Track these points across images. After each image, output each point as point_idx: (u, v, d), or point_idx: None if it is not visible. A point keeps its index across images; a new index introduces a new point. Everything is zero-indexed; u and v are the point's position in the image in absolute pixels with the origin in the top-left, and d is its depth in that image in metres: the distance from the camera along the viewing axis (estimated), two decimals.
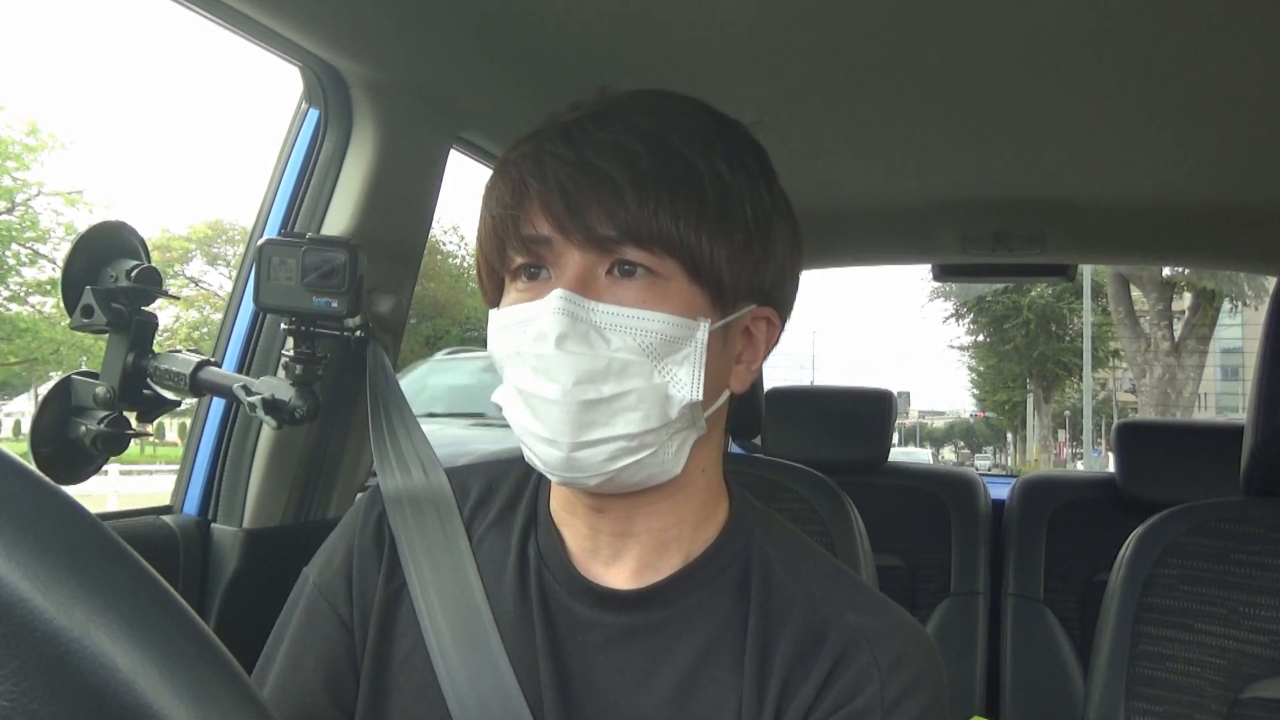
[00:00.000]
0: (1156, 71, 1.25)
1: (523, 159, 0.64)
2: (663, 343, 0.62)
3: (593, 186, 0.61)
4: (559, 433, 0.61)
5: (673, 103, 0.67)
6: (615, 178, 0.61)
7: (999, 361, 24.10)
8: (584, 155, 0.62)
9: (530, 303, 0.63)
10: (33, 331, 12.59)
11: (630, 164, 0.61)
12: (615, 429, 0.62)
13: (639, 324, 0.62)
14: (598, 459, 0.62)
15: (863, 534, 1.38)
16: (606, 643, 0.67)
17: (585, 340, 0.61)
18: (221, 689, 0.28)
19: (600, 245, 0.62)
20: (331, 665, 0.70)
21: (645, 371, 0.62)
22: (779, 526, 0.75)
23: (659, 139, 0.63)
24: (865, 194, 1.91)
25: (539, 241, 0.63)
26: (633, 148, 0.62)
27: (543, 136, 0.65)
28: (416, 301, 1.73)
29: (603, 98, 0.67)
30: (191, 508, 1.24)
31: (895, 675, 0.64)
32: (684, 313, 0.63)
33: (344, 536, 0.75)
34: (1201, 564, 1.00)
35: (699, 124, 0.66)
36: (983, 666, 2.02)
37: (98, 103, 33.41)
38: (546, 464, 0.64)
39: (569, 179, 0.61)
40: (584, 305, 0.61)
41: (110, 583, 0.27)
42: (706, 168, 0.63)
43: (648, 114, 0.65)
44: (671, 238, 0.61)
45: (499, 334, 0.66)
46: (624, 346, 0.61)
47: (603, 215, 0.61)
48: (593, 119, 0.64)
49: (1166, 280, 14.07)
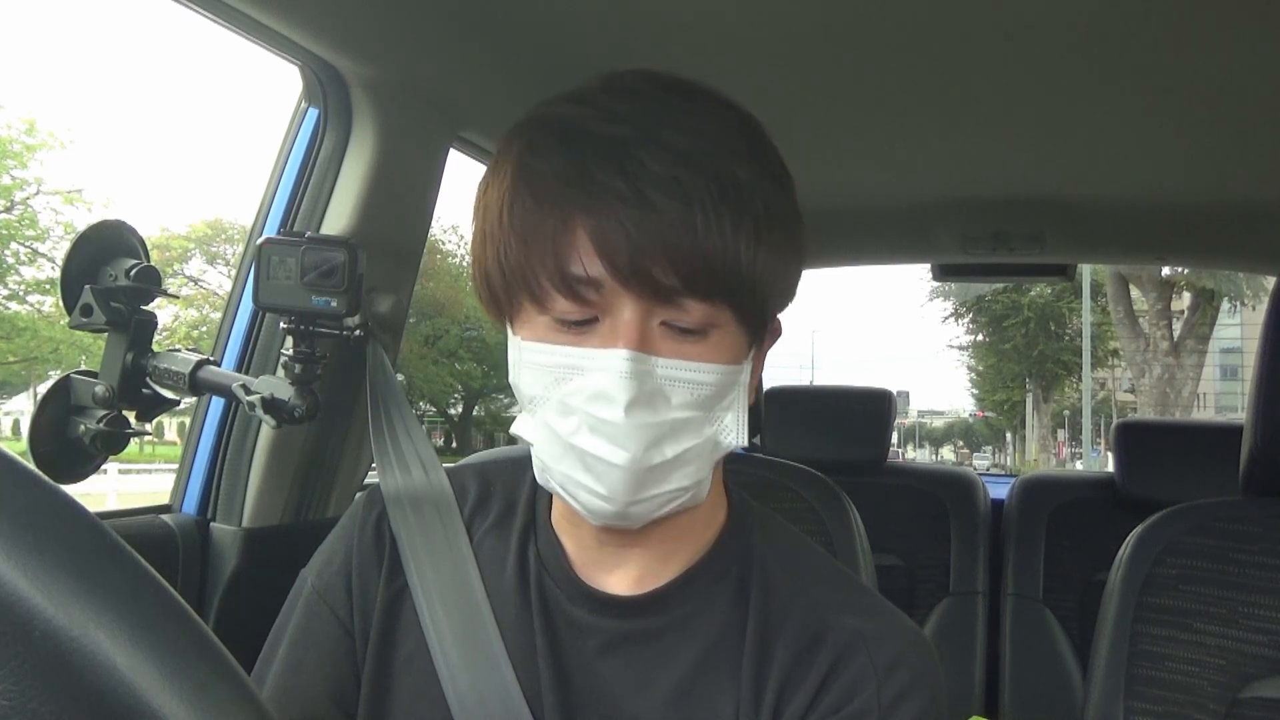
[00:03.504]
0: (1156, 71, 1.25)
1: (564, 183, 0.58)
2: (715, 394, 0.61)
3: (657, 232, 0.56)
4: (617, 493, 0.60)
5: (708, 105, 0.63)
6: (679, 224, 0.57)
7: (998, 361, 24.13)
8: (642, 192, 0.57)
9: (577, 348, 0.59)
10: (32, 330, 12.60)
11: (690, 204, 0.57)
12: (671, 484, 0.61)
13: (697, 377, 0.60)
14: (648, 511, 0.62)
15: (862, 534, 1.38)
16: (606, 647, 0.67)
17: (650, 405, 0.59)
18: (220, 688, 0.28)
19: (661, 296, 0.58)
20: (331, 667, 0.70)
21: (699, 425, 0.61)
22: (778, 527, 0.75)
23: (713, 168, 0.58)
24: (865, 194, 1.91)
25: (587, 284, 0.58)
26: (691, 182, 0.57)
27: (584, 154, 0.58)
28: (416, 301, 1.73)
29: (606, 85, 0.63)
30: (190, 507, 1.24)
31: (892, 677, 0.64)
32: (734, 360, 0.62)
33: (342, 538, 0.75)
34: (1201, 564, 1.00)
35: (737, 134, 0.62)
36: (982, 666, 2.02)
37: (97, 101, 33.42)
38: (593, 514, 0.62)
39: (631, 221, 0.56)
40: (648, 363, 0.58)
41: (109, 582, 0.27)
42: (762, 202, 0.60)
43: (691, 130, 0.60)
44: (730, 288, 0.59)
45: (533, 371, 0.62)
46: (682, 403, 0.60)
47: (666, 266, 0.57)
48: (640, 139, 0.58)
49: (1166, 280, 14.08)
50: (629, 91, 0.62)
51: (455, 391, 23.19)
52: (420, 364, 20.24)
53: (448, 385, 22.27)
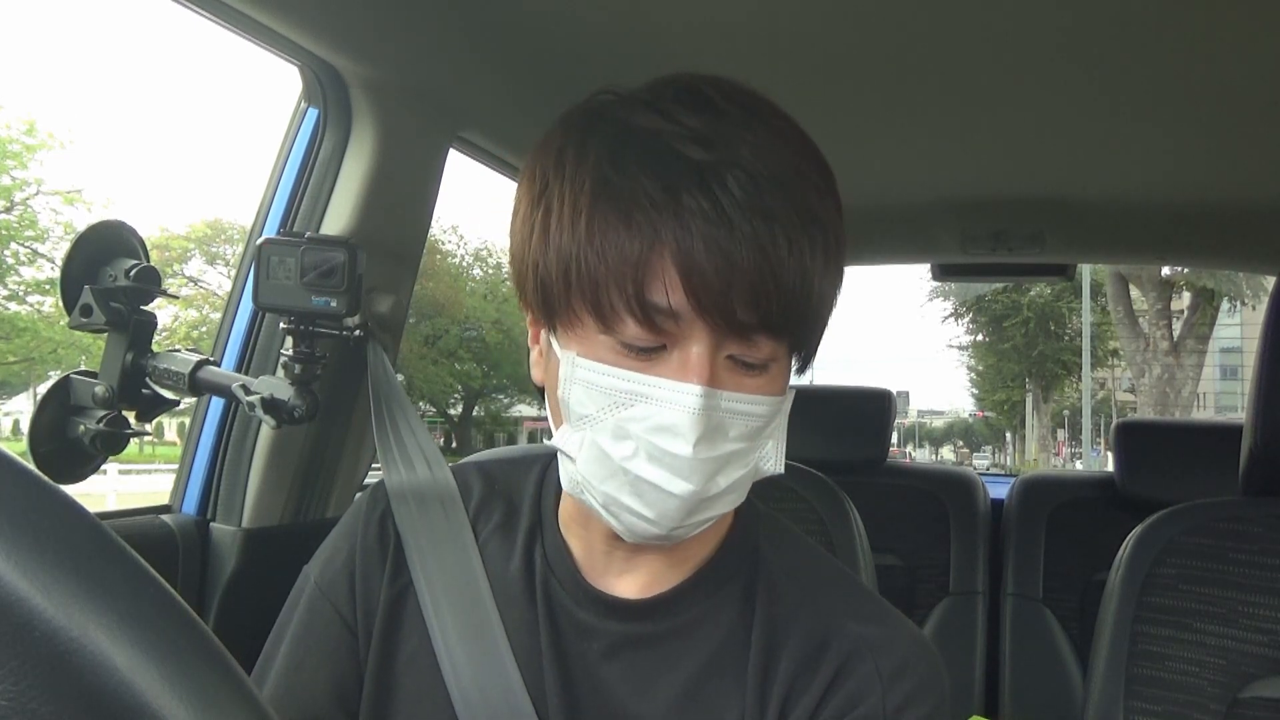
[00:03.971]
0: (1156, 71, 1.25)
1: (653, 206, 0.55)
2: (764, 424, 0.61)
3: (744, 265, 0.55)
4: (668, 520, 0.60)
5: (776, 123, 0.61)
6: (766, 259, 0.55)
7: (998, 361, 24.12)
8: (731, 219, 0.54)
9: (644, 375, 0.58)
10: (31, 331, 12.59)
11: (774, 237, 0.55)
12: (716, 510, 0.62)
13: (753, 409, 0.60)
14: (689, 532, 0.63)
15: (862, 534, 1.38)
16: (611, 650, 0.67)
17: (712, 440, 0.58)
18: (220, 688, 0.28)
19: (736, 331, 0.57)
20: (334, 665, 0.70)
21: (748, 455, 0.61)
22: (783, 531, 0.75)
23: (795, 199, 0.57)
24: (865, 194, 1.91)
25: (665, 314, 0.56)
26: (775, 211, 0.55)
27: (673, 177, 0.55)
28: (415, 301, 1.73)
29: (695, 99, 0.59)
30: (190, 507, 1.24)
31: (897, 684, 0.64)
32: (784, 391, 0.62)
33: (345, 535, 0.74)
34: (1200, 563, 1.00)
35: (812, 165, 0.61)
36: (981, 666, 2.02)
37: (97, 102, 33.40)
38: (634, 535, 0.62)
39: (720, 252, 0.54)
40: (716, 398, 0.57)
41: (109, 582, 0.27)
42: (832, 231, 0.59)
43: (767, 152, 0.58)
44: (801, 323, 0.59)
45: (588, 391, 0.59)
46: (738, 435, 0.60)
47: (748, 302, 0.55)
48: (725, 164, 0.56)
49: (1165, 280, 14.08)
50: (704, 103, 0.59)
51: (455, 391, 23.19)
52: (420, 364, 20.24)
53: (447, 385, 22.27)
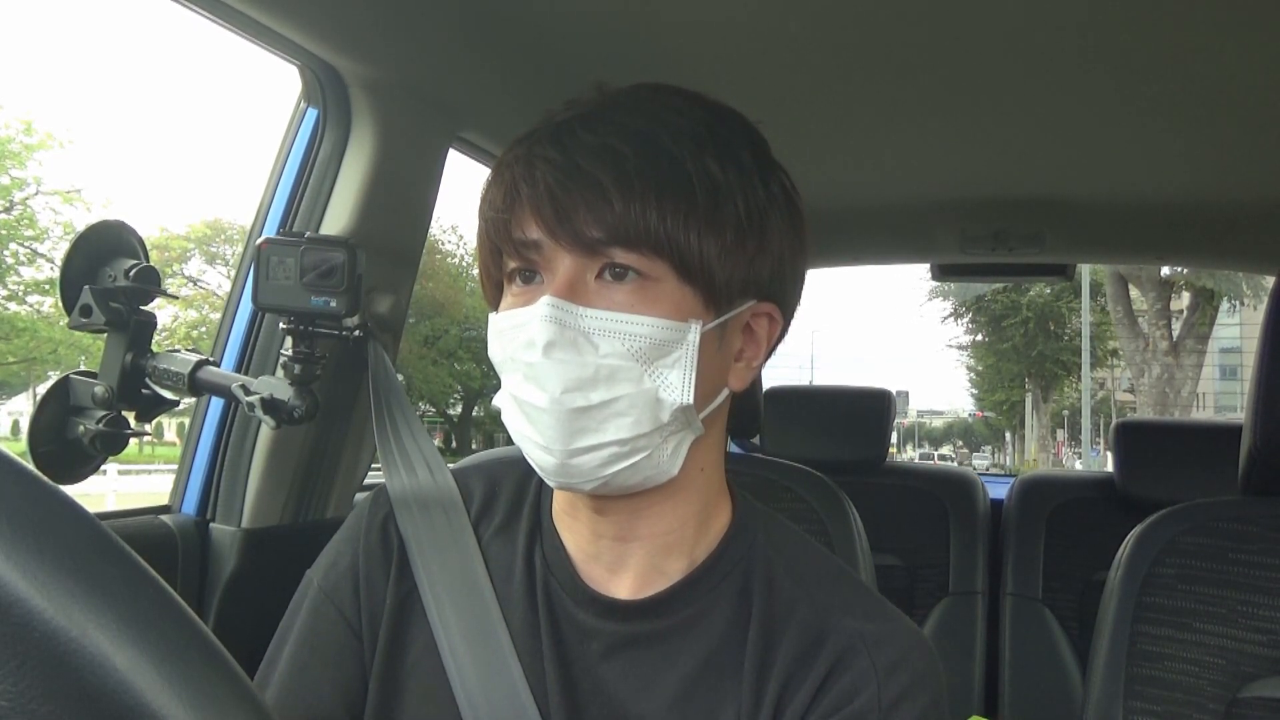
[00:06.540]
0: (1156, 71, 1.25)
1: (515, 162, 0.65)
2: (652, 346, 0.62)
3: (580, 190, 0.61)
4: (552, 440, 0.62)
5: (667, 99, 0.66)
6: (602, 180, 0.61)
7: (997, 361, 24.11)
8: (572, 158, 0.62)
9: (523, 308, 0.63)
10: (31, 331, 12.58)
11: (617, 166, 0.61)
12: (606, 435, 0.62)
13: (627, 328, 0.62)
14: (591, 464, 0.63)
15: (861, 534, 1.38)
16: (610, 650, 0.67)
17: (574, 347, 0.61)
18: (220, 689, 0.28)
19: (589, 248, 0.62)
20: (338, 668, 0.70)
21: (634, 376, 0.62)
22: (782, 528, 0.75)
23: (648, 139, 0.63)
24: (865, 194, 1.91)
25: (529, 245, 0.63)
26: (620, 149, 0.62)
27: (534, 139, 0.65)
28: (415, 301, 1.73)
29: (600, 95, 0.67)
30: (190, 507, 1.24)
31: (893, 678, 0.64)
32: (674, 315, 0.63)
33: (348, 539, 0.75)
34: (1200, 563, 1.00)
35: (691, 120, 0.65)
36: (981, 666, 2.02)
37: (96, 101, 33.39)
38: (543, 469, 0.65)
39: (557, 183, 0.62)
40: (572, 311, 0.61)
41: (109, 582, 0.27)
42: (695, 166, 0.62)
43: (640, 112, 0.65)
44: (659, 238, 0.61)
45: (496, 339, 0.66)
46: (612, 352, 0.61)
47: (590, 218, 0.61)
48: (583, 120, 0.64)
49: (1165, 280, 14.07)
50: (617, 92, 0.67)
51: (454, 392, 23.20)
52: (419, 364, 20.24)
53: (447, 385, 22.29)
